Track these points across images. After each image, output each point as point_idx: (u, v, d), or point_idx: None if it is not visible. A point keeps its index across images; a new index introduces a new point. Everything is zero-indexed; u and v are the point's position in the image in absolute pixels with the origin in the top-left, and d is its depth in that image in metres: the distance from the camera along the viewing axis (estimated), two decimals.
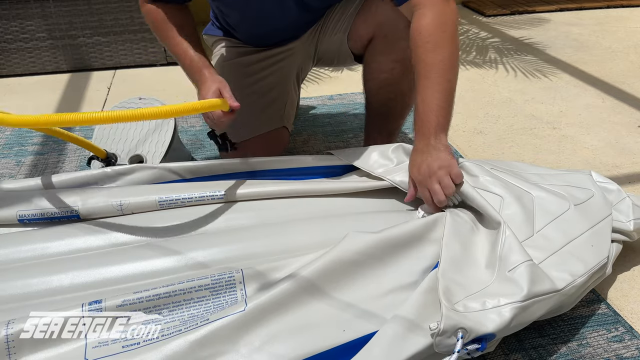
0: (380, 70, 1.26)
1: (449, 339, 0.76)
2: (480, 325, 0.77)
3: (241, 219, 1.04)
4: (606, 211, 1.02)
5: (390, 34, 1.19)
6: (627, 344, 0.93)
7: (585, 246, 0.94)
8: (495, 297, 0.81)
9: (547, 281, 0.84)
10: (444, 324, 0.75)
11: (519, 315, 0.80)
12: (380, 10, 1.19)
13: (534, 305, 0.82)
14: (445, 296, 0.79)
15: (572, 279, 0.87)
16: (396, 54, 1.21)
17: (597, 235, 0.97)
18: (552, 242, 0.93)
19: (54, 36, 2.17)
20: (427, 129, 0.99)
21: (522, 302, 0.80)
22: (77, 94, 2.04)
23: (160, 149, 1.29)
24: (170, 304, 0.79)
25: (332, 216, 1.04)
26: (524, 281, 0.82)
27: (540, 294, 0.82)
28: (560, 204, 0.99)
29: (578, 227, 0.96)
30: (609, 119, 1.80)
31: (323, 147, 1.60)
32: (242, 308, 0.76)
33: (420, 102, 1.01)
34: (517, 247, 0.87)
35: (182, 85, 2.09)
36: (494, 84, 2.09)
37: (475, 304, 0.80)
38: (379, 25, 1.20)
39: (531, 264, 0.84)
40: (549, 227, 0.95)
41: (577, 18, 2.95)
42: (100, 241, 0.98)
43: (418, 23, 1.03)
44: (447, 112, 1.00)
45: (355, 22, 1.25)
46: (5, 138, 1.67)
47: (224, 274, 0.83)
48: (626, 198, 1.09)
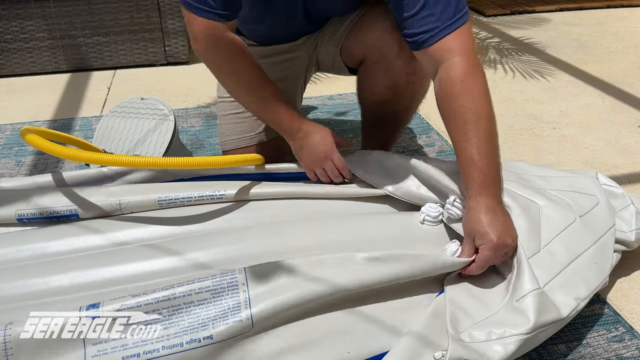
0: (372, 93, 1.23)
1: None
2: (484, 357, 0.77)
3: (241, 219, 1.04)
4: (610, 221, 1.01)
5: (381, 60, 1.14)
6: (627, 344, 0.93)
7: (589, 264, 0.93)
8: (502, 327, 0.80)
9: (554, 310, 0.83)
10: (449, 356, 0.75)
11: (523, 346, 0.79)
12: (371, 34, 1.14)
13: (539, 335, 0.82)
14: (452, 324, 0.79)
15: (576, 303, 0.86)
16: (388, 81, 1.17)
17: (601, 250, 0.96)
18: (558, 259, 0.91)
19: (54, 36, 2.17)
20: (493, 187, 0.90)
21: (527, 334, 0.79)
22: (77, 94, 2.04)
23: (159, 149, 1.28)
24: (170, 307, 0.77)
25: (332, 217, 1.04)
26: (531, 312, 0.81)
27: (546, 323, 0.82)
28: (565, 216, 0.98)
29: (583, 241, 0.95)
30: (609, 119, 1.80)
31: None
32: (249, 327, 0.76)
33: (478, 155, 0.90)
34: (528, 274, 0.86)
35: (181, 85, 2.10)
36: (494, 84, 2.09)
37: (480, 333, 0.80)
38: (370, 49, 1.15)
39: (539, 293, 0.83)
40: (554, 241, 0.94)
41: (577, 18, 2.95)
42: (100, 241, 0.98)
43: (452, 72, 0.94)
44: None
45: (348, 39, 1.21)
46: (5, 138, 1.67)
47: (226, 275, 0.81)
48: (630, 205, 1.07)
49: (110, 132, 1.35)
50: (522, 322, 0.80)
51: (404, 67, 1.14)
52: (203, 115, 1.83)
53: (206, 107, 1.89)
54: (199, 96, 1.99)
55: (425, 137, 1.67)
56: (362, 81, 1.27)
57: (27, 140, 0.99)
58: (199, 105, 1.91)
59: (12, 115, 1.85)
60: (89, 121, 1.79)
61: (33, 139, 0.97)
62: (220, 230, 1.00)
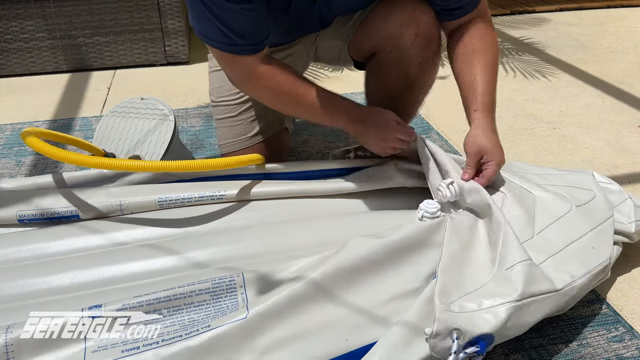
0: (383, 85, 1.24)
1: (444, 342, 0.75)
2: (476, 326, 0.76)
3: (241, 219, 1.04)
4: (608, 213, 1.01)
5: (395, 50, 1.15)
6: (627, 344, 0.93)
7: (586, 248, 0.93)
8: (492, 297, 0.80)
9: (546, 281, 0.83)
10: (436, 326, 0.75)
11: (515, 316, 0.79)
12: (386, 26, 1.15)
13: (532, 306, 0.81)
14: (440, 297, 0.78)
15: (571, 279, 0.86)
16: (401, 70, 1.18)
17: (599, 237, 0.96)
18: (552, 244, 0.92)
19: (54, 36, 2.17)
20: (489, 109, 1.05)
21: (517, 302, 0.79)
22: (77, 94, 2.04)
23: (159, 149, 1.28)
24: (171, 307, 0.78)
25: (331, 216, 1.04)
26: (519, 281, 0.81)
27: (536, 293, 0.81)
28: (562, 205, 0.99)
29: (579, 229, 0.96)
30: (609, 119, 1.80)
31: (323, 147, 1.59)
32: (244, 315, 0.76)
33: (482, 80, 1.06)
34: (517, 245, 0.86)
35: (181, 85, 2.10)
36: None
37: (471, 304, 0.79)
38: (384, 40, 1.16)
39: (529, 264, 0.83)
40: (549, 229, 0.95)
41: (577, 18, 2.95)
42: (100, 241, 0.98)
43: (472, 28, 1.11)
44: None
45: (358, 34, 1.21)
46: (6, 138, 1.67)
47: (225, 277, 0.81)
48: (628, 199, 1.08)
49: (110, 132, 1.35)
50: (511, 290, 0.80)
51: (418, 56, 1.15)
52: (203, 115, 1.83)
53: (206, 107, 1.89)
54: (199, 96, 1.99)
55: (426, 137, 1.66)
56: (372, 74, 1.27)
57: (27, 143, 0.99)
58: (199, 105, 1.91)
59: (12, 115, 1.85)
60: (89, 121, 1.79)
61: (33, 142, 0.98)
62: (220, 230, 1.00)
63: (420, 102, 1.30)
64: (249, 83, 1.07)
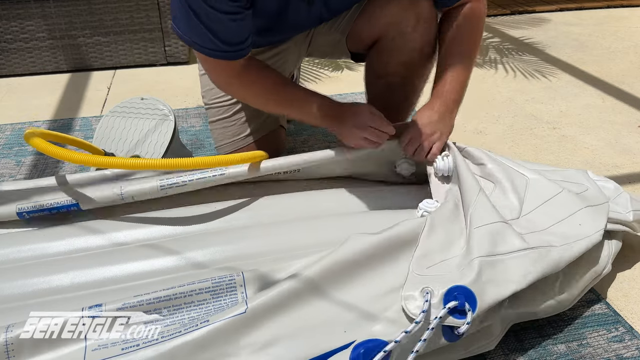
0: (384, 73, 1.24)
1: (416, 302, 0.77)
2: (447, 281, 0.79)
3: (241, 219, 1.04)
4: (602, 199, 1.02)
5: (398, 36, 1.16)
6: (627, 344, 0.93)
7: (573, 224, 0.94)
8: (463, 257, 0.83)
9: (517, 240, 0.85)
10: (405, 287, 0.78)
11: (488, 271, 0.81)
12: (387, 11, 1.16)
13: (508, 262, 0.83)
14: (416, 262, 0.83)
15: (547, 244, 0.88)
16: (403, 55, 1.19)
17: (588, 215, 0.96)
18: (535, 225, 0.93)
19: (54, 36, 2.17)
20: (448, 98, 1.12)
21: (487, 257, 0.81)
22: (77, 94, 2.04)
23: (159, 149, 1.28)
24: (171, 307, 0.78)
25: (331, 216, 1.04)
26: (486, 240, 0.84)
27: (507, 252, 0.84)
28: (553, 188, 1.00)
29: (568, 208, 0.97)
30: (609, 119, 1.80)
31: (323, 147, 1.58)
32: (243, 309, 0.76)
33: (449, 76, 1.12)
34: (489, 208, 0.89)
35: (181, 85, 2.10)
36: (494, 84, 2.09)
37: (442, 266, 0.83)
38: (386, 27, 1.17)
39: (501, 224, 0.86)
40: (536, 211, 0.96)
41: (577, 18, 2.95)
42: (100, 241, 0.98)
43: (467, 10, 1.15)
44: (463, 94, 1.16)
45: (357, 24, 1.22)
46: (5, 138, 1.67)
47: (225, 277, 0.82)
48: (623, 193, 1.08)
49: (110, 132, 1.35)
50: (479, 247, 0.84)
51: (420, 41, 1.16)
52: (203, 115, 1.83)
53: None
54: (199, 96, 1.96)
55: None
56: (373, 63, 1.27)
57: (31, 144, 0.99)
58: (199, 105, 1.91)
59: (12, 115, 1.85)
60: (89, 121, 1.79)
61: (38, 143, 0.97)
62: (220, 230, 1.00)
63: (421, 90, 1.30)
64: (232, 85, 1.11)
